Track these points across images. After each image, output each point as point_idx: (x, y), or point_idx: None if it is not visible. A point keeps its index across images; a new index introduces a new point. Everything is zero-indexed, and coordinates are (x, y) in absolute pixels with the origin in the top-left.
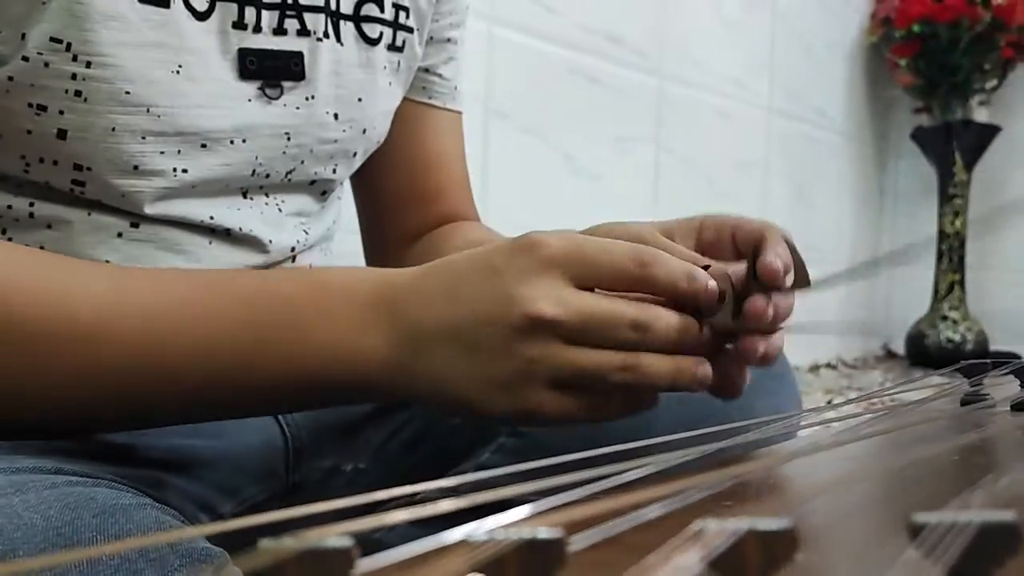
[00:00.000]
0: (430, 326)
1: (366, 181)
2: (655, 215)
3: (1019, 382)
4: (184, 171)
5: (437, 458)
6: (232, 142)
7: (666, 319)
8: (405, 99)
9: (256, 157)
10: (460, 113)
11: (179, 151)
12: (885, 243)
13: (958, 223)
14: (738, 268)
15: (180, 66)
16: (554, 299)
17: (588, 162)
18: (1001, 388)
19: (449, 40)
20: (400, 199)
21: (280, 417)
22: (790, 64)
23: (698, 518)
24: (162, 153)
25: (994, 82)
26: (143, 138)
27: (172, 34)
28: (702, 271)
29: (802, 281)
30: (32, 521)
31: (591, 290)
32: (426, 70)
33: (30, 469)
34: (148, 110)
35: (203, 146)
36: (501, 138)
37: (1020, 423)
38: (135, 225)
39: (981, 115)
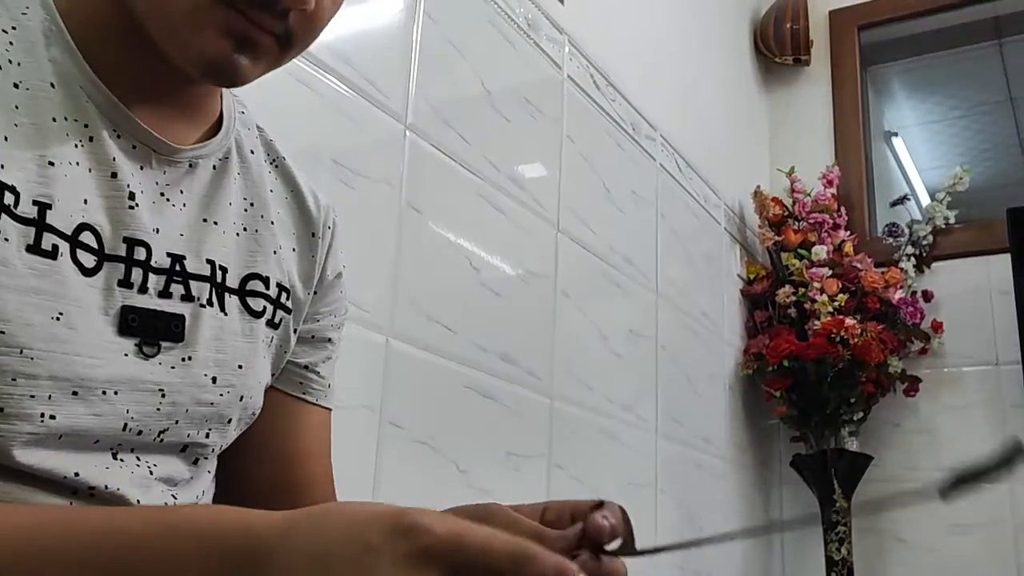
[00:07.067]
0: None
1: (232, 467)
2: None
3: None
4: (52, 417)
5: None
6: (104, 392)
7: None
8: (280, 392)
9: (127, 411)
10: (330, 411)
11: (50, 396)
12: (776, 571)
13: (843, 550)
14: (570, 531)
15: (61, 313)
16: None
17: (480, 475)
18: None
19: (330, 340)
20: (267, 489)
21: None
22: (674, 393)
23: None
24: (32, 397)
25: (860, 414)
26: (13, 380)
27: (55, 283)
28: (572, 566)
29: (628, 546)
30: None
31: None
32: (305, 367)
33: None
34: (22, 351)
35: (74, 393)
36: (394, 447)
37: None
38: None
39: (852, 445)
